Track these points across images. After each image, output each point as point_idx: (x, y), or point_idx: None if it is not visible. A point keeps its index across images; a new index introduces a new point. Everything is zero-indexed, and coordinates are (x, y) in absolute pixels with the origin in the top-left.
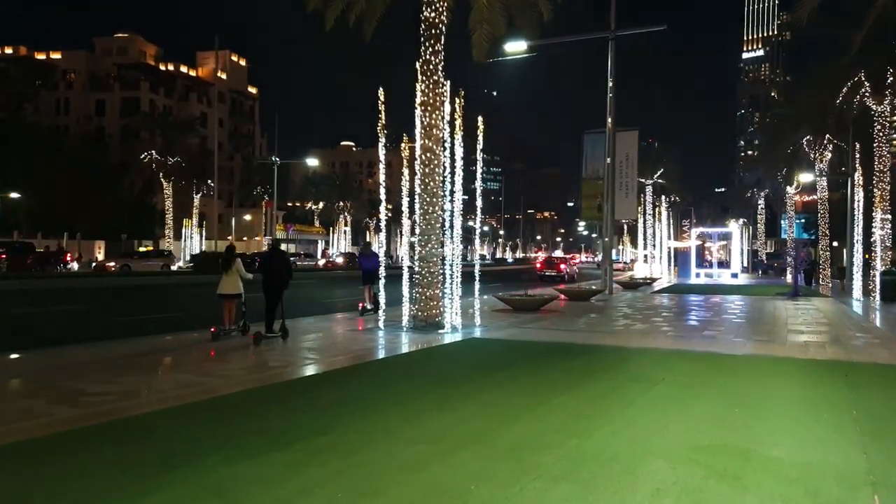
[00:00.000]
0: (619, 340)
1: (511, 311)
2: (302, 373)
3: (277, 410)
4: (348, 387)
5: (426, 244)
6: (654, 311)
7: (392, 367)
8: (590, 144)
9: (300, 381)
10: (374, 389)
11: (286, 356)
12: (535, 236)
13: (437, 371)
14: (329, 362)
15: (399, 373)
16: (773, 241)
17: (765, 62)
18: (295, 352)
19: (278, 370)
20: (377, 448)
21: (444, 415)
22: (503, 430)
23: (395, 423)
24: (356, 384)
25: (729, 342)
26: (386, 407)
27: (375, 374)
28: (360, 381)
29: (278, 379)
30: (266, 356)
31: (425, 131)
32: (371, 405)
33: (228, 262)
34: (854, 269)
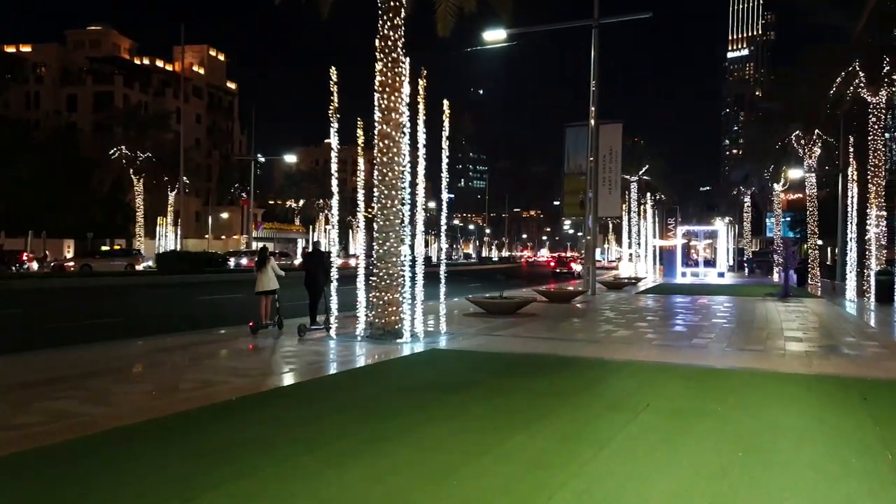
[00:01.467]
0: (599, 351)
1: (484, 314)
2: (217, 396)
3: (150, 459)
4: (261, 420)
5: (384, 242)
6: (638, 314)
7: (326, 389)
8: (572, 138)
9: (203, 412)
10: (291, 424)
11: (212, 373)
12: (521, 235)
13: (380, 395)
14: (253, 383)
15: (332, 397)
16: (759, 239)
17: (749, 61)
18: (222, 369)
19: (187, 395)
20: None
21: (361, 465)
22: (433, 491)
23: (290, 478)
24: (270, 417)
25: (721, 353)
26: (293, 454)
27: (303, 399)
28: (278, 411)
29: (175, 409)
30: (181, 374)
31: (383, 115)
32: (276, 448)
33: (263, 262)
34: (847, 269)
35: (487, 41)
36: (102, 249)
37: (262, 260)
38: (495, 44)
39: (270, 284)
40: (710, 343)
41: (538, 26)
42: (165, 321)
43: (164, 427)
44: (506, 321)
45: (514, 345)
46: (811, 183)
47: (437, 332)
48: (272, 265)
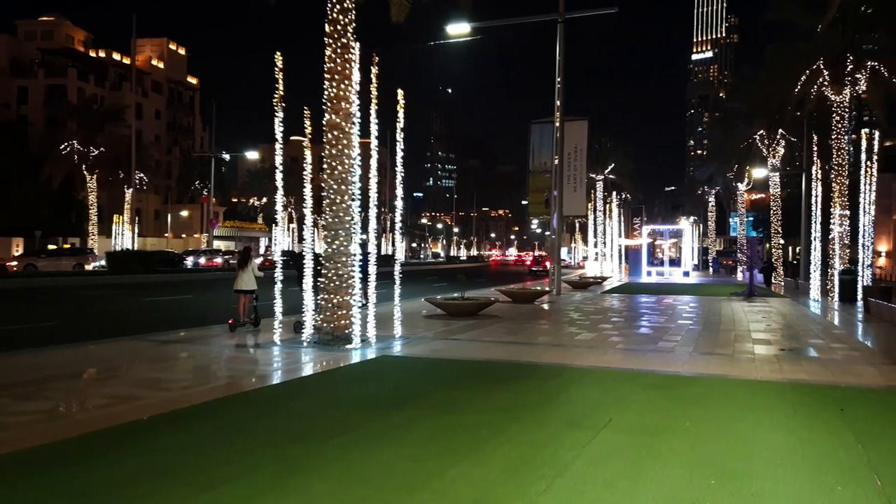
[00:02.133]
0: (561, 357)
1: (445, 316)
2: (124, 416)
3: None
4: (164, 448)
5: (333, 240)
6: (603, 315)
7: (253, 405)
8: (537, 135)
9: (96, 438)
10: (195, 453)
11: (131, 386)
12: (489, 234)
13: (312, 412)
14: (171, 399)
15: (255, 415)
16: (723, 238)
17: (713, 63)
18: (143, 381)
19: (90, 414)
20: None
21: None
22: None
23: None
24: (175, 444)
25: (688, 357)
26: (185, 496)
27: (223, 419)
28: (187, 435)
29: (67, 433)
30: (94, 388)
31: (332, 104)
32: (163, 490)
33: (245, 261)
34: (812, 268)
35: (451, 34)
36: (49, 248)
37: (245, 259)
38: (460, 37)
39: (249, 284)
40: (676, 347)
41: (502, 20)
42: (102, 325)
43: (39, 459)
44: (466, 323)
45: (472, 350)
46: (775, 182)
47: (391, 337)
48: (253, 265)
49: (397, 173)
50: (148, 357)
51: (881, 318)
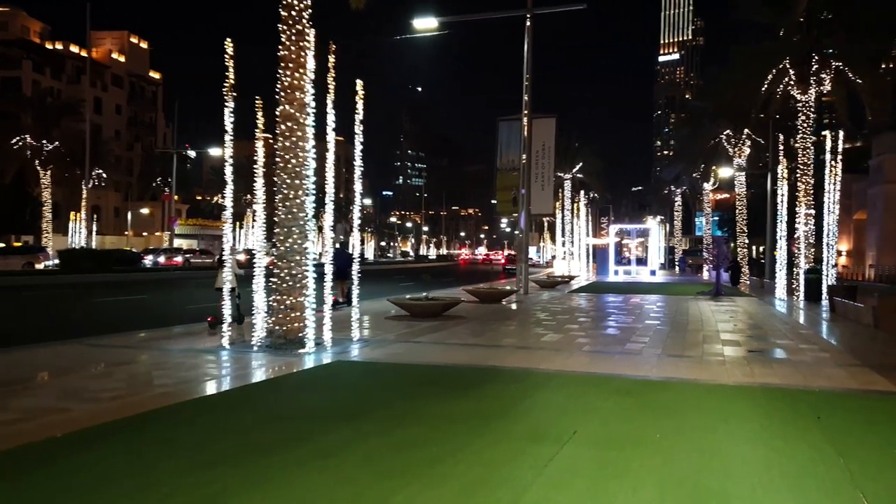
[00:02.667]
0: (526, 360)
1: (408, 317)
2: (37, 433)
3: None
4: (71, 471)
5: (287, 238)
6: (570, 315)
7: (185, 419)
8: (505, 132)
9: None
10: (110, 477)
11: (54, 397)
12: (459, 233)
13: (252, 427)
14: (96, 412)
15: (185, 432)
16: (689, 238)
17: (680, 65)
18: (71, 390)
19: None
20: None
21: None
22: None
23: None
24: (83, 467)
25: (656, 360)
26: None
27: (149, 435)
28: (101, 457)
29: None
30: (12, 400)
31: (286, 94)
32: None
33: (223, 260)
34: (777, 267)
35: (418, 29)
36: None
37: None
38: (426, 32)
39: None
40: (644, 348)
41: (470, 15)
42: (40, 327)
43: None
44: (430, 325)
45: (434, 354)
46: (740, 182)
47: (349, 340)
48: (233, 264)
49: (356, 168)
50: (83, 363)
51: (846, 317)
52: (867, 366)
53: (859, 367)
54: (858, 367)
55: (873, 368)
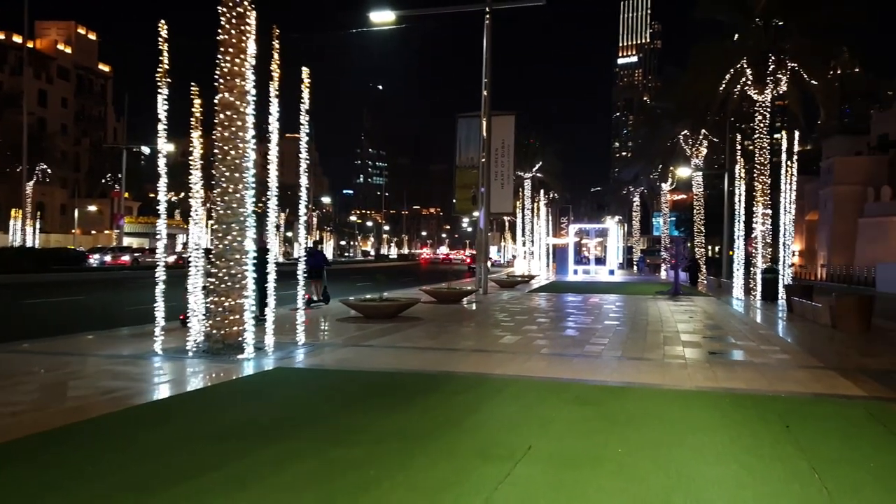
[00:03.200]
0: (481, 364)
1: (362, 319)
2: None
3: None
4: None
5: (225, 235)
6: (529, 316)
7: (87, 441)
8: (464, 129)
9: None
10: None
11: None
12: (420, 232)
13: (167, 446)
14: (3, 427)
15: (89, 455)
16: (647, 238)
17: (638, 68)
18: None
19: None
20: None
21: None
22: None
23: None
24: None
25: (616, 363)
26: None
27: (48, 460)
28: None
29: None
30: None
31: (225, 81)
32: None
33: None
34: (735, 267)
35: (375, 22)
36: None
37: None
38: (384, 25)
39: None
40: (603, 351)
41: (428, 9)
42: None
43: None
44: (383, 327)
45: (385, 359)
46: (698, 182)
47: (293, 344)
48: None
49: (302, 161)
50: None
51: (804, 317)
52: (830, 368)
53: (822, 369)
54: (821, 370)
55: (836, 371)
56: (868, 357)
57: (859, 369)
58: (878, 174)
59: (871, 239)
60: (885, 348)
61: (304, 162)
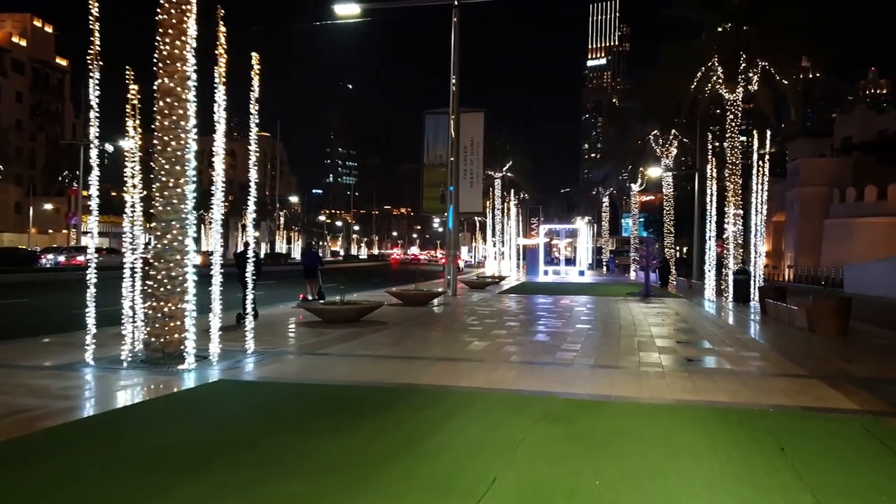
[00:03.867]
0: (445, 375)
1: (322, 324)
2: None
3: None
4: None
5: (165, 233)
6: (498, 319)
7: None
8: (432, 126)
9: None
10: None
11: None
12: (391, 232)
13: (72, 478)
14: None
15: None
16: (615, 238)
17: (607, 70)
18: None
19: None
20: None
21: None
22: None
23: None
24: None
25: (590, 373)
26: None
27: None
28: None
29: None
30: None
31: (164, 66)
32: None
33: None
34: (706, 268)
35: (339, 15)
36: None
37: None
38: (349, 18)
39: None
40: (575, 358)
41: (394, 2)
42: None
43: None
44: (343, 332)
45: (340, 369)
46: (668, 183)
47: (242, 353)
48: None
49: (251, 153)
50: None
51: (779, 320)
52: (814, 376)
53: (806, 378)
54: (806, 379)
55: (821, 379)
56: (851, 363)
57: (844, 377)
58: (843, 176)
59: (836, 240)
60: (865, 353)
61: (254, 154)
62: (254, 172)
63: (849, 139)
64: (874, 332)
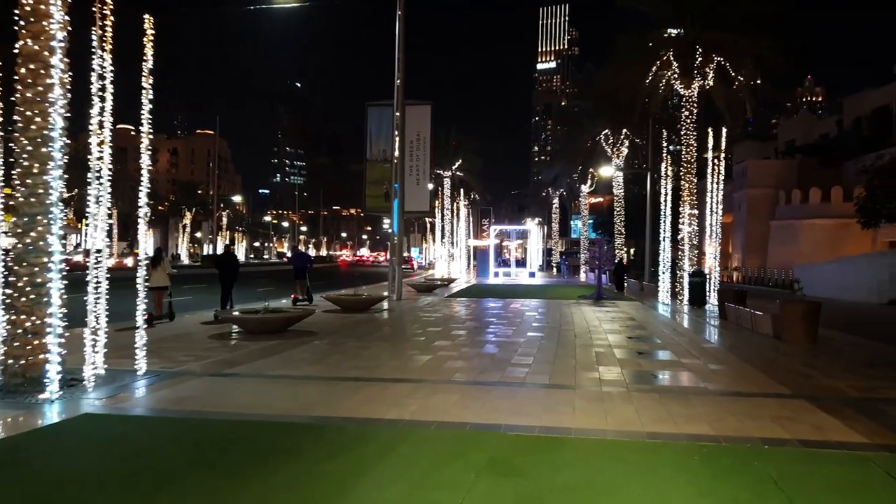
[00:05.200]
0: (371, 402)
1: (243, 334)
2: None
3: None
4: None
5: (27, 231)
6: (444, 326)
7: None
8: (375, 119)
9: None
10: None
11: None
12: (340, 233)
13: None
14: None
15: None
16: (565, 240)
17: (556, 73)
18: None
19: None
20: None
21: None
22: None
23: None
24: None
25: (545, 396)
26: None
27: None
28: None
29: None
30: None
31: (27, 24)
32: None
33: (157, 261)
34: (661, 270)
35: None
36: None
37: (157, 259)
38: (285, 4)
39: (162, 281)
40: (528, 375)
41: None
42: None
43: None
44: (265, 345)
45: (245, 395)
46: (619, 183)
47: (131, 373)
48: (164, 264)
49: (144, 135)
50: None
51: (740, 325)
52: (800, 396)
53: (792, 399)
54: (793, 401)
55: (809, 400)
56: (833, 378)
57: (834, 397)
58: (788, 178)
59: (781, 241)
60: (844, 365)
61: (146, 137)
62: (146, 158)
63: (792, 142)
64: (843, 338)
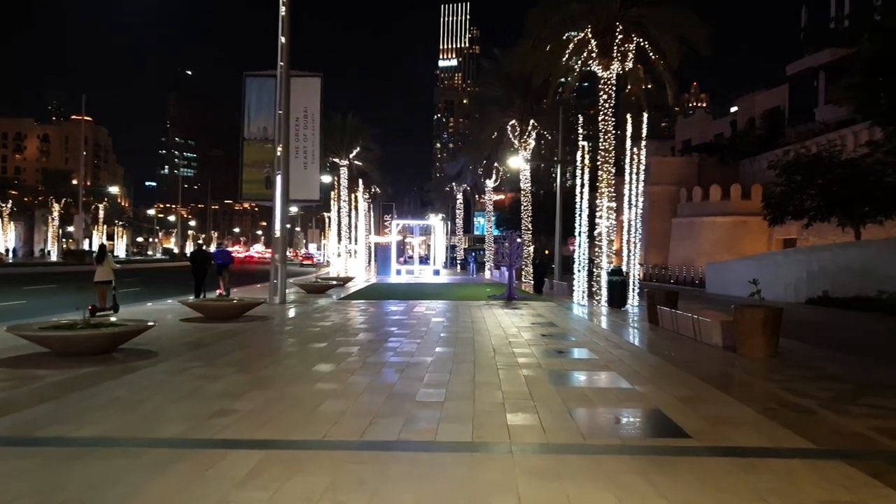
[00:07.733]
0: (179, 493)
1: (50, 356)
2: None
3: None
4: None
5: None
6: (329, 341)
7: None
8: (254, 92)
9: None
10: None
11: None
12: (232, 229)
13: None
14: None
15: None
16: (468, 237)
17: (458, 71)
18: None
19: None
20: None
21: None
22: None
23: None
24: None
25: (467, 470)
26: None
27: None
28: None
29: None
30: None
31: None
32: None
33: (102, 257)
34: (576, 268)
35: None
36: None
37: (101, 255)
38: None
39: (106, 276)
40: (441, 421)
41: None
42: None
43: None
44: (69, 377)
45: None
46: (525, 177)
47: None
48: (108, 260)
49: None
50: None
51: (676, 332)
52: (832, 453)
53: (824, 459)
54: (825, 462)
55: (843, 459)
56: (845, 416)
57: (869, 450)
58: (689, 175)
59: (683, 238)
60: (838, 390)
61: None
62: None
63: (689, 141)
64: (798, 348)
